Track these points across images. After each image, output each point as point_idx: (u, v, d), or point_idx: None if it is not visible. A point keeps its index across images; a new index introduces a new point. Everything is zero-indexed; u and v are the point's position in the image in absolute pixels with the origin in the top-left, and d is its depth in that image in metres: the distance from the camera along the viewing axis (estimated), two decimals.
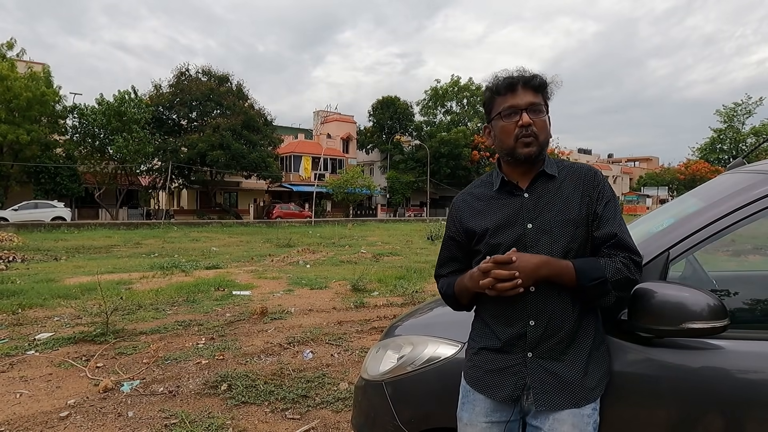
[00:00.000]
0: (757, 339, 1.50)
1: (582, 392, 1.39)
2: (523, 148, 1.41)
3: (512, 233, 1.42)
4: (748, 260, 3.82)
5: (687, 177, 56.71)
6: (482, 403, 1.48)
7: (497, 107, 1.45)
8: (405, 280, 8.75)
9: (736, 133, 52.34)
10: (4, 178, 28.24)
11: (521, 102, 1.40)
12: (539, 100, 1.42)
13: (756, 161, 2.02)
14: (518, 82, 1.41)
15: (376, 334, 5.30)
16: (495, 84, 1.45)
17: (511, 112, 1.41)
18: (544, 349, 1.40)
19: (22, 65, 28.85)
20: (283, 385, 3.92)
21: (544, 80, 1.44)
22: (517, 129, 1.40)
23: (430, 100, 53.16)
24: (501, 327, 1.45)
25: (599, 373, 1.42)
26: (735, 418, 1.41)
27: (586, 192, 1.42)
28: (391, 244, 17.66)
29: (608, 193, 1.44)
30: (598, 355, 1.43)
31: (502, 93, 1.43)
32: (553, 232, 1.40)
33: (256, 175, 37.67)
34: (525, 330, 1.40)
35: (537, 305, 1.39)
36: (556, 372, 1.39)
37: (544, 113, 1.43)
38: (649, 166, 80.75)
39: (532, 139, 1.40)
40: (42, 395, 3.77)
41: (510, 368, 1.43)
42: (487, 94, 1.48)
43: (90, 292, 7.36)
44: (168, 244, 17.28)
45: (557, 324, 1.38)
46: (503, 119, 1.43)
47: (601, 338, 1.46)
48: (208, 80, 36.54)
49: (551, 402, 1.38)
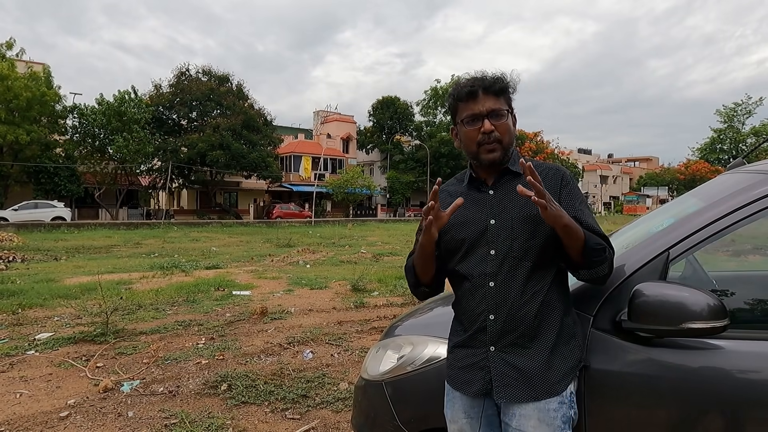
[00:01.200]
0: (757, 339, 1.50)
1: (544, 386, 1.40)
2: (486, 154, 1.44)
3: (476, 228, 1.46)
4: (748, 260, 3.82)
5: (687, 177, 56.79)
6: (460, 400, 1.52)
7: (460, 114, 1.48)
8: (405, 280, 8.73)
9: (736, 133, 52.38)
10: (4, 178, 28.25)
11: (482, 108, 1.43)
12: (500, 105, 1.44)
13: (756, 161, 2.02)
14: (478, 89, 1.43)
15: (376, 334, 5.30)
16: (456, 91, 1.48)
17: (472, 119, 1.44)
18: (505, 343, 1.42)
19: (23, 65, 28.86)
20: (283, 385, 3.92)
21: (505, 84, 1.46)
22: (480, 135, 1.43)
23: (430, 100, 53.08)
24: (467, 322, 1.49)
25: (565, 368, 1.43)
26: (735, 418, 1.41)
27: (552, 191, 1.42)
28: (391, 244, 17.66)
29: (576, 193, 1.47)
30: (566, 350, 1.44)
31: (464, 100, 1.46)
32: (514, 228, 1.43)
33: (256, 175, 37.69)
34: (485, 324, 1.44)
35: (496, 300, 1.42)
36: (516, 365, 1.41)
37: (506, 117, 1.45)
38: (649, 166, 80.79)
39: (495, 144, 1.43)
40: (42, 395, 3.77)
41: (476, 363, 1.46)
42: (450, 101, 1.51)
43: (90, 292, 7.36)
44: (168, 244, 17.28)
45: (516, 318, 1.41)
46: (466, 125, 1.46)
47: (571, 333, 1.47)
48: (209, 80, 36.57)
49: (511, 394, 1.40)
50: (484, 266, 1.44)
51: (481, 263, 1.45)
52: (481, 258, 1.45)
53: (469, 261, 1.48)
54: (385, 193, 47.53)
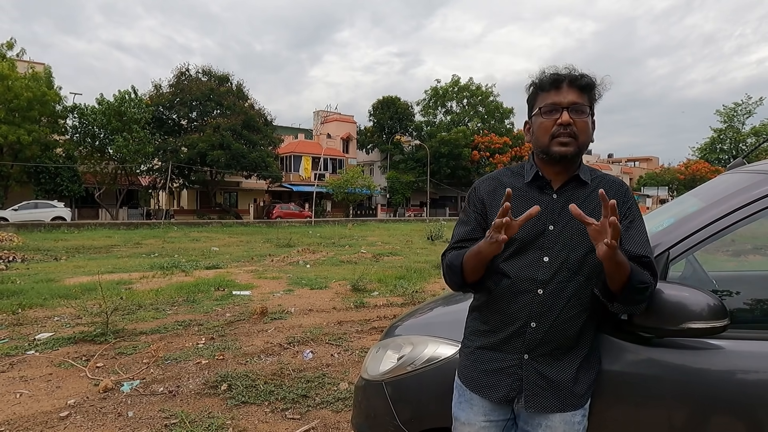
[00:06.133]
0: (757, 339, 1.50)
1: (571, 398, 1.39)
2: (558, 146, 1.36)
3: (531, 231, 1.38)
4: (748, 260, 3.82)
5: (687, 177, 56.70)
6: (480, 402, 1.47)
7: (539, 103, 1.40)
8: (405, 280, 8.75)
9: (736, 133, 52.34)
10: (4, 178, 28.23)
11: (564, 100, 1.35)
12: (583, 101, 1.36)
13: (756, 161, 2.02)
14: (564, 80, 1.36)
15: (376, 334, 5.30)
16: (540, 79, 1.40)
17: (551, 109, 1.36)
18: (541, 353, 1.39)
19: (23, 65, 28.84)
20: (283, 385, 3.92)
21: (593, 80, 1.38)
22: (555, 127, 1.35)
23: (430, 100, 53.13)
24: (501, 324, 1.43)
25: (588, 381, 1.43)
26: (735, 417, 1.41)
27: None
28: (391, 244, 17.65)
29: (635, 211, 1.41)
30: (588, 363, 1.43)
31: (546, 89, 1.38)
32: (573, 239, 1.36)
33: (256, 175, 37.67)
34: (525, 330, 1.39)
35: (541, 308, 1.37)
36: (547, 375, 1.39)
37: (587, 114, 1.37)
38: (649, 166, 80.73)
39: (570, 139, 1.35)
40: (42, 395, 3.76)
41: (506, 369, 1.42)
42: (531, 89, 1.43)
43: (90, 292, 7.35)
44: (168, 244, 17.27)
45: (559, 330, 1.37)
46: (543, 116, 1.38)
47: (593, 346, 1.46)
48: (208, 80, 36.55)
49: (541, 405, 1.39)
50: (535, 272, 1.37)
51: (530, 267, 1.38)
52: (532, 262, 1.38)
53: (517, 262, 1.40)
54: (385, 193, 47.50)
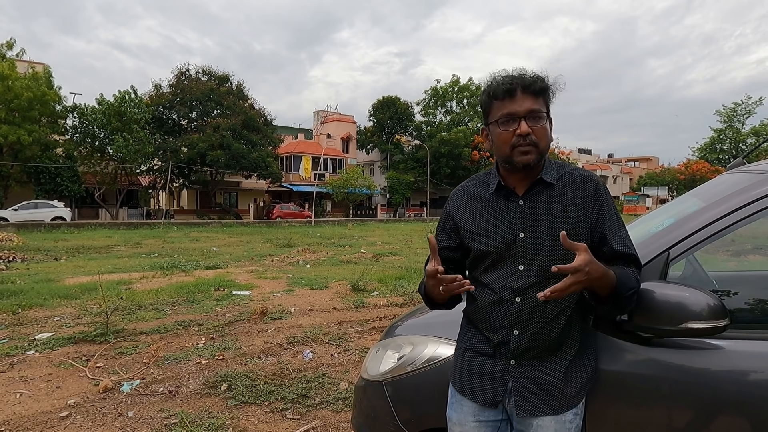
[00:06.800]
0: (757, 339, 1.50)
1: (562, 399, 1.39)
2: (520, 156, 1.33)
3: (503, 241, 1.39)
4: (748, 260, 3.82)
5: (687, 177, 56.73)
6: (468, 403, 1.48)
7: (494, 113, 1.36)
8: (405, 280, 8.75)
9: (736, 133, 52.35)
10: (4, 178, 28.25)
11: (520, 108, 1.32)
12: (539, 106, 1.33)
13: (756, 161, 2.02)
14: (517, 87, 1.32)
15: (376, 334, 5.30)
16: (492, 88, 1.36)
17: (508, 119, 1.33)
18: (528, 357, 1.40)
19: (23, 65, 28.86)
20: (283, 385, 3.92)
21: (546, 84, 1.35)
22: (515, 137, 1.32)
23: (430, 100, 53.19)
24: (487, 333, 1.45)
25: (581, 381, 1.42)
26: (735, 417, 1.41)
27: (585, 204, 1.37)
28: (391, 244, 17.66)
29: (610, 206, 1.40)
30: (580, 362, 1.43)
31: (500, 98, 1.35)
32: (546, 244, 1.36)
33: (256, 175, 37.69)
34: (509, 338, 1.40)
35: (521, 315, 1.37)
36: (537, 379, 1.39)
37: (545, 119, 1.35)
38: (649, 166, 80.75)
39: (531, 147, 1.32)
40: (42, 395, 3.77)
41: (493, 373, 1.43)
42: (484, 98, 1.40)
43: (90, 292, 7.36)
44: (168, 244, 17.28)
45: (542, 335, 1.37)
46: (500, 126, 1.35)
47: (585, 345, 1.45)
48: (209, 80, 36.59)
49: (532, 408, 1.39)
50: (511, 281, 1.38)
51: (506, 277, 1.39)
52: (508, 272, 1.39)
53: (493, 273, 1.41)
54: (385, 193, 47.52)
